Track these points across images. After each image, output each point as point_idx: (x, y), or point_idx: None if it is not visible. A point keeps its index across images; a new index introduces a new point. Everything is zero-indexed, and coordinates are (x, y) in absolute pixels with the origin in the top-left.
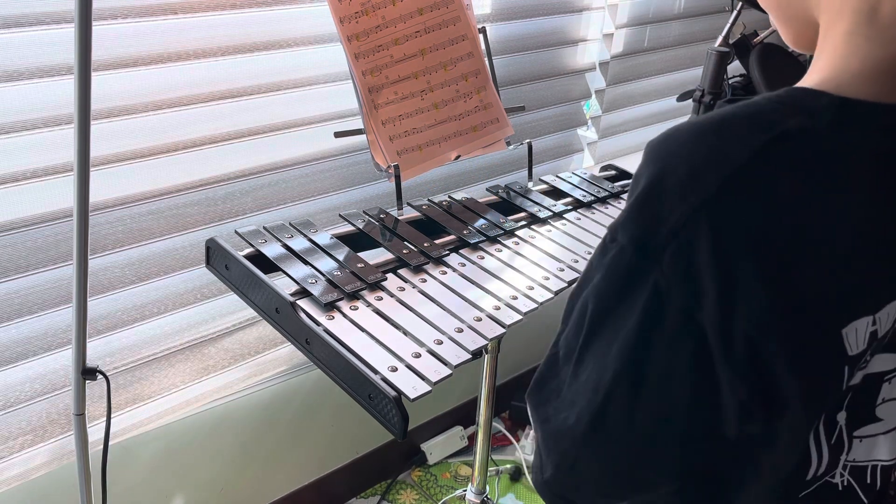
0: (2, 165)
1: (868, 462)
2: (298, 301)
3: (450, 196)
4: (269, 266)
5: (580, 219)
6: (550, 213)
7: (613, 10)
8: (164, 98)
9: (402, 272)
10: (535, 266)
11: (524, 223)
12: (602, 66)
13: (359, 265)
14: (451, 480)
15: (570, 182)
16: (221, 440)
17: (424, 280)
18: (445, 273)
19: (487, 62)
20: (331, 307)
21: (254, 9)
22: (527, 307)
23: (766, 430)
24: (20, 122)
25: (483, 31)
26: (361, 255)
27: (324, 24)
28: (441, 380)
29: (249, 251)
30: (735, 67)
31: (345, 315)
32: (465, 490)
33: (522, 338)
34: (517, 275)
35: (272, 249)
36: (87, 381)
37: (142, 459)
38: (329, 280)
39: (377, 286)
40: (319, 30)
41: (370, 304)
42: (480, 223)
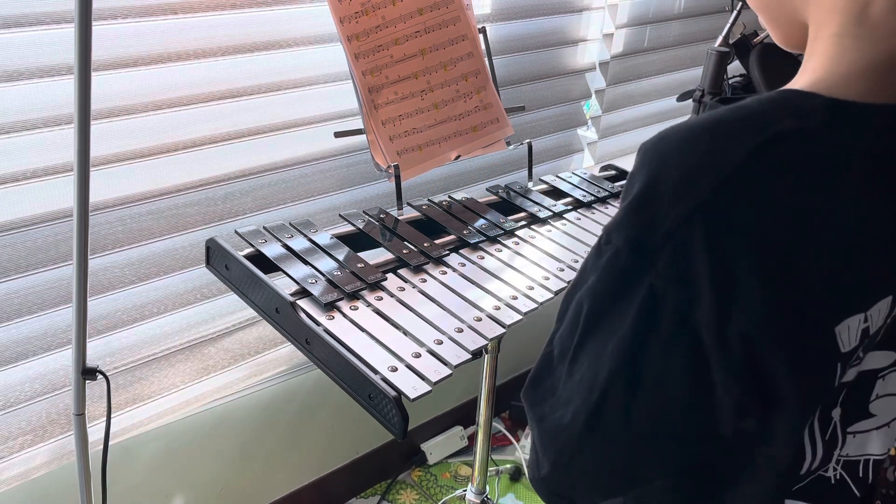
0: (2, 165)
1: (860, 456)
2: (298, 301)
3: (450, 196)
4: (269, 266)
5: (580, 219)
6: (550, 213)
7: (613, 10)
8: (164, 98)
9: (402, 272)
10: (535, 266)
11: (524, 223)
12: (602, 66)
13: (359, 265)
14: (451, 480)
15: (570, 182)
16: (221, 440)
17: (424, 280)
18: (445, 273)
19: (487, 62)
20: (331, 307)
21: (254, 9)
22: (527, 307)
23: (762, 427)
24: (20, 122)
25: (483, 31)
26: (361, 255)
27: (324, 24)
28: (441, 380)
29: (249, 251)
30: (735, 67)
31: (345, 315)
32: (465, 490)
33: (522, 338)
34: (517, 275)
35: (272, 249)
36: (87, 381)
37: (142, 459)
38: (329, 280)
39: (377, 286)
40: (319, 30)
41: (370, 304)
42: (480, 223)
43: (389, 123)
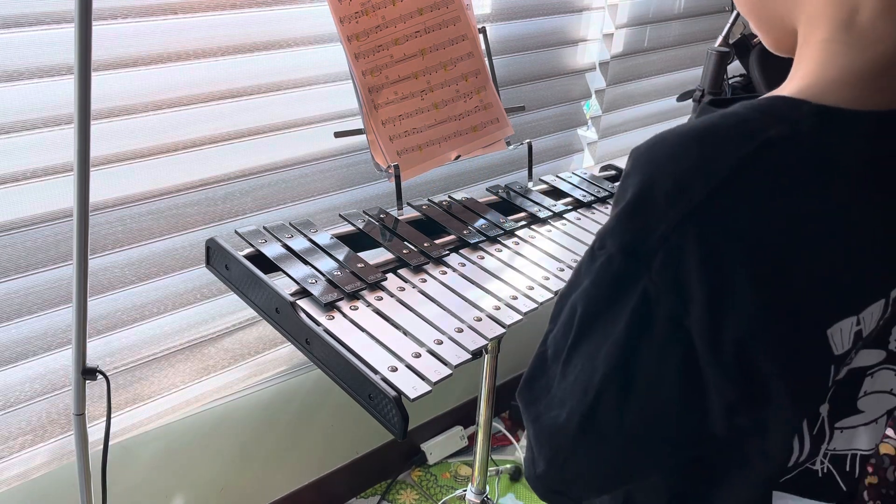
0: (2, 165)
1: (848, 451)
2: (298, 301)
3: (450, 196)
4: (269, 266)
5: (580, 219)
6: (550, 213)
7: (613, 10)
8: (164, 98)
9: (402, 272)
10: (535, 266)
11: (524, 223)
12: (602, 66)
13: (359, 265)
14: (451, 480)
15: (570, 182)
16: (221, 440)
17: (424, 280)
18: (445, 273)
19: (487, 62)
20: (331, 307)
21: (254, 9)
22: (527, 307)
23: (755, 428)
24: (20, 122)
25: (483, 31)
26: (361, 255)
27: (324, 24)
28: (441, 380)
29: (249, 251)
30: (735, 67)
31: (345, 315)
32: (465, 490)
33: (522, 338)
34: (517, 275)
35: (272, 249)
36: (87, 381)
37: (142, 459)
38: (329, 280)
39: (377, 286)
40: (319, 30)
41: (370, 304)
42: (480, 223)
43: (389, 123)
